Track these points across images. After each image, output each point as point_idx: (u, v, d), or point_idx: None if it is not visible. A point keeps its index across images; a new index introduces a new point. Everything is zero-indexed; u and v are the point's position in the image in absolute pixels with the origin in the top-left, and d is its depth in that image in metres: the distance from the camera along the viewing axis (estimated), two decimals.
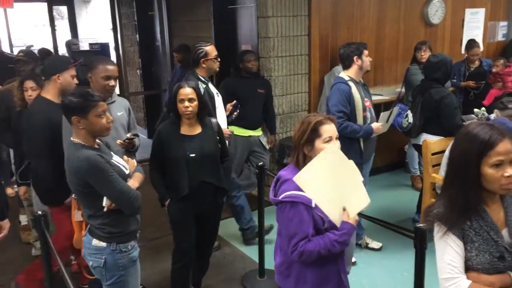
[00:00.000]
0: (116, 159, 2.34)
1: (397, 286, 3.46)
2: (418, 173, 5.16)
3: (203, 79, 3.48)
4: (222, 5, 5.28)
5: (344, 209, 1.94)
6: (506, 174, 1.52)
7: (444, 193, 1.67)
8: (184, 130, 2.86)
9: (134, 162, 2.45)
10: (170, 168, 2.85)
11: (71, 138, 2.21)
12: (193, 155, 2.80)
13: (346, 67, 3.57)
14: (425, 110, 3.98)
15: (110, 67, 2.89)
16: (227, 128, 3.62)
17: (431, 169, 3.83)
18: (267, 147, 4.62)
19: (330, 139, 2.01)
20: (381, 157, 5.05)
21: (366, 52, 3.55)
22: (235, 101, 3.76)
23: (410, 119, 4.11)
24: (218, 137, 2.98)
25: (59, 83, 2.94)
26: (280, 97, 4.78)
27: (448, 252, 1.59)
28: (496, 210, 1.64)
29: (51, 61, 3.23)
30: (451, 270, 1.58)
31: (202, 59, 3.45)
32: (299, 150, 2.03)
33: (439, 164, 3.85)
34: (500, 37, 6.43)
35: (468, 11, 6.03)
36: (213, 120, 3.01)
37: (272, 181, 2.08)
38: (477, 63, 5.56)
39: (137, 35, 7.09)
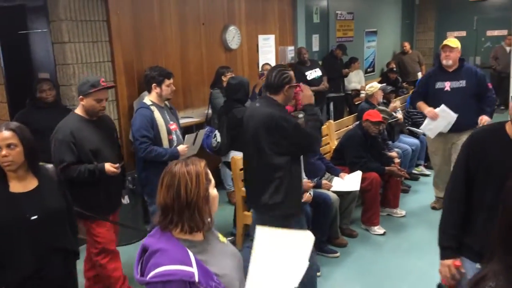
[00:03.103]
0: None
1: None
2: (233, 189, 5.45)
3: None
4: (10, 30, 4.76)
5: None
6: None
7: (499, 258, 1.24)
8: (14, 186, 2.18)
9: None
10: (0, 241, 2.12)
11: None
12: (35, 217, 2.15)
13: (148, 91, 3.59)
14: (230, 129, 4.25)
15: None
16: None
17: (241, 183, 4.09)
18: None
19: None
20: None
21: (168, 81, 3.53)
22: None
23: (219, 139, 4.33)
24: (59, 188, 2.38)
25: (82, 104, 3.02)
26: None
27: None
28: None
29: (81, 82, 3.11)
30: None
31: (287, 86, 2.87)
32: (188, 210, 1.54)
33: None
34: (289, 60, 7.31)
35: (261, 37, 6.71)
36: (49, 166, 2.43)
37: None
38: None
39: None
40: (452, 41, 4.41)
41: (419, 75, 9.21)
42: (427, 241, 4.15)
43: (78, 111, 3.09)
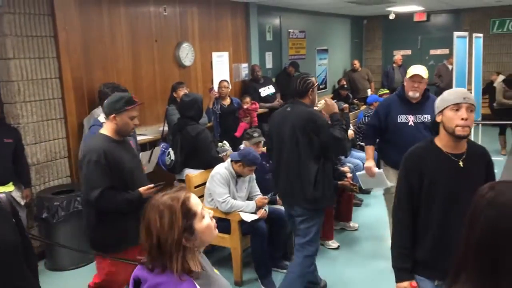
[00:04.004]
0: None
1: None
2: None
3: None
4: None
5: None
6: None
7: (469, 279, 1.17)
8: None
9: None
10: None
11: None
12: None
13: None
14: (185, 146, 4.22)
15: None
16: None
17: None
18: (22, 203, 4.11)
19: (202, 209, 1.51)
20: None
21: None
22: None
23: (172, 156, 4.28)
24: (14, 220, 1.96)
25: (115, 123, 2.77)
26: (33, 145, 4.34)
27: None
28: None
29: (112, 99, 2.84)
30: None
31: (310, 90, 3.26)
32: (176, 250, 1.40)
33: (202, 196, 4.09)
34: (243, 77, 7.39)
35: (214, 54, 6.74)
36: (1, 196, 2.06)
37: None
38: (228, 100, 6.23)
39: None
40: (423, 70, 3.69)
41: (369, 92, 9.54)
42: (380, 253, 4.25)
43: (106, 131, 2.81)
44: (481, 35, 7.68)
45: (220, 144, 4.56)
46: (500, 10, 10.03)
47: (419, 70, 3.65)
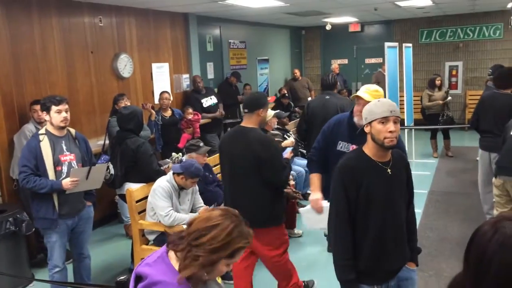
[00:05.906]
0: None
1: None
2: (130, 221, 5.23)
3: None
4: None
5: None
6: None
7: None
8: None
9: None
10: None
11: None
12: None
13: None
14: (124, 160, 4.10)
15: None
16: None
17: (137, 216, 3.94)
18: None
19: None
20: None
21: (55, 108, 3.34)
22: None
23: (112, 171, 4.15)
24: None
25: (261, 116, 3.18)
26: None
27: None
28: None
29: (255, 97, 3.33)
30: None
31: (338, 83, 4.32)
32: (193, 260, 1.45)
33: (144, 210, 4.00)
34: (184, 88, 7.33)
35: (154, 66, 6.65)
36: None
37: None
38: (169, 112, 6.16)
39: None
40: (369, 92, 2.86)
41: (309, 100, 9.80)
42: (324, 258, 4.34)
43: (251, 124, 3.16)
44: (410, 44, 8.14)
45: (174, 154, 4.54)
46: (428, 21, 10.68)
47: (362, 91, 2.87)
